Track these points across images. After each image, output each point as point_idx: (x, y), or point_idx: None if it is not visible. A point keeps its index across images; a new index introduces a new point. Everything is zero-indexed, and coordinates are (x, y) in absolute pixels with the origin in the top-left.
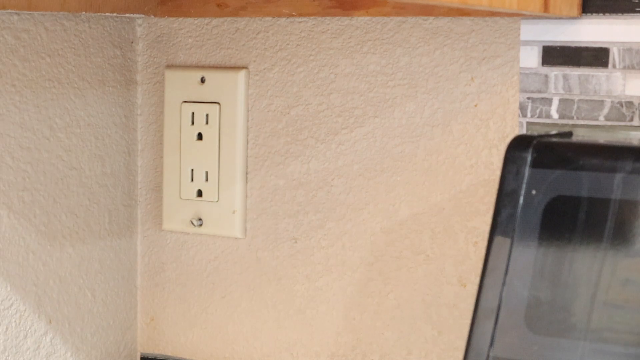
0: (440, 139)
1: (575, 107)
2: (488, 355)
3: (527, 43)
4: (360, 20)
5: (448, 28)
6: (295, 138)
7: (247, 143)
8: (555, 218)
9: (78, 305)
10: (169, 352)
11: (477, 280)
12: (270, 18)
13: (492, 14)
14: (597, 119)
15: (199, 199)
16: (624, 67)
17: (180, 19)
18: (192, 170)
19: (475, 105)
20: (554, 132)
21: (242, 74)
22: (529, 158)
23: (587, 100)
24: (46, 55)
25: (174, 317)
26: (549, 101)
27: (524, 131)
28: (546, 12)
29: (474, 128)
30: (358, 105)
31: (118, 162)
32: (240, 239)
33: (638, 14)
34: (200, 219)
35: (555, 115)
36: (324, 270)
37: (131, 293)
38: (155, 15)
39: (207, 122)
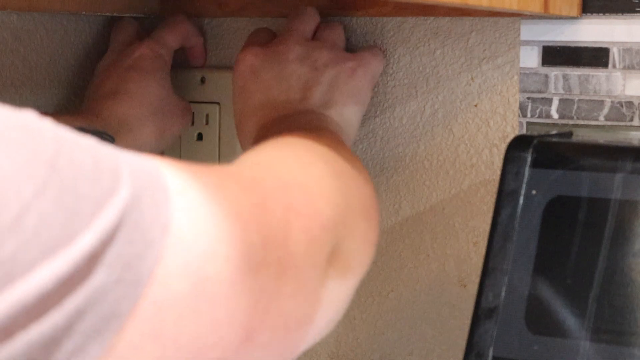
0: (440, 138)
1: (575, 107)
2: (488, 355)
3: (527, 43)
4: (360, 20)
5: (448, 28)
6: None
7: None
8: (555, 218)
9: None
10: None
11: (477, 280)
12: (271, 18)
13: (492, 14)
14: (597, 119)
15: None
16: (624, 67)
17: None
18: None
19: (476, 105)
20: (554, 132)
21: None
22: (529, 158)
23: (587, 100)
24: (46, 55)
25: None
26: (549, 101)
27: (524, 131)
28: (546, 12)
29: (474, 128)
30: None
31: None
32: None
33: (638, 14)
34: None
35: (555, 115)
36: None
37: None
38: (155, 15)
39: (207, 122)
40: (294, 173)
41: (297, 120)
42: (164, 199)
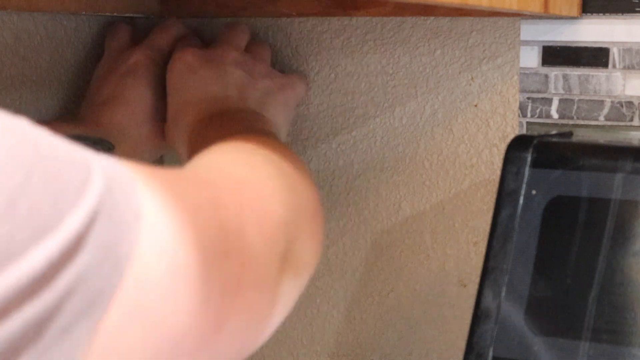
0: (440, 138)
1: (575, 107)
2: (488, 355)
3: (527, 43)
4: (360, 20)
5: (448, 28)
6: (296, 138)
7: None
8: (555, 218)
9: None
10: None
11: (477, 280)
12: (270, 18)
13: (492, 14)
14: (597, 119)
15: None
16: (624, 67)
17: (180, 19)
18: None
19: (476, 105)
20: (554, 132)
21: None
22: (529, 158)
23: (587, 100)
24: (46, 55)
25: None
26: (549, 101)
27: (524, 131)
28: (546, 12)
29: (474, 127)
30: (358, 105)
31: None
32: None
33: (638, 14)
34: None
35: (555, 115)
36: (324, 270)
37: None
38: (155, 15)
39: None
40: (244, 173)
41: (238, 117)
42: (132, 189)
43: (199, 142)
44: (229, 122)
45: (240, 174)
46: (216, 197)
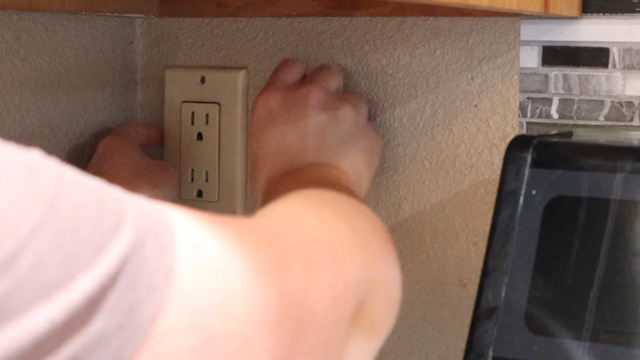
0: (441, 138)
1: (575, 107)
2: (488, 355)
3: (527, 43)
4: (360, 20)
5: (448, 28)
6: None
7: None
8: (555, 218)
9: None
10: None
11: (477, 280)
12: (270, 18)
13: (492, 14)
14: (597, 119)
15: (199, 199)
16: (624, 67)
17: (180, 19)
18: (192, 170)
19: (476, 105)
20: (554, 132)
21: (242, 74)
22: (529, 158)
23: (587, 100)
24: (46, 55)
25: None
26: (549, 101)
27: (524, 131)
28: (546, 12)
29: (474, 127)
30: None
31: None
32: None
33: (638, 14)
34: None
35: (555, 115)
36: None
37: None
38: (155, 15)
39: (207, 122)
40: (316, 229)
41: (310, 173)
42: (169, 244)
43: (270, 201)
44: (301, 178)
45: (311, 230)
46: (281, 256)
